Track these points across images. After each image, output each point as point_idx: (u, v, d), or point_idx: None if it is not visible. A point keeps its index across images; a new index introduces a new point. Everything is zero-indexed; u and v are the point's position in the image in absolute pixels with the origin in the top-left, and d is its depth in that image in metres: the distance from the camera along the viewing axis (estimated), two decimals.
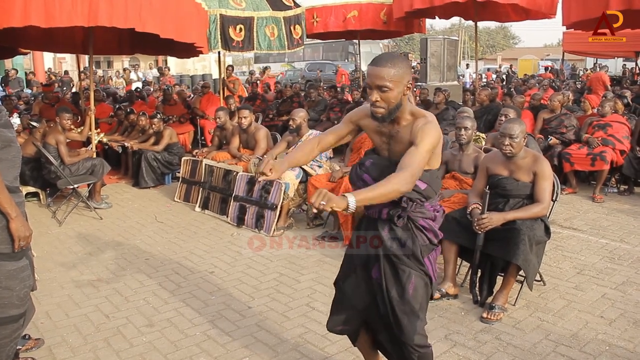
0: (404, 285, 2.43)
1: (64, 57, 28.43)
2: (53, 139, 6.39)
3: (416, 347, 2.44)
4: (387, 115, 2.35)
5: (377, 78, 2.28)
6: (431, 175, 2.43)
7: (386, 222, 2.48)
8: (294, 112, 6.09)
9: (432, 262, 2.53)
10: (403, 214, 2.41)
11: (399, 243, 2.45)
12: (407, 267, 2.44)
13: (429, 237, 2.48)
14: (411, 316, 2.43)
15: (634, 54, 16.94)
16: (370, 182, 2.42)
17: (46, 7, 5.29)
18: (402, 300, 2.43)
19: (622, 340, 3.41)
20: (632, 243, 5.22)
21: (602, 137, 6.94)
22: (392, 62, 2.28)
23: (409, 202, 2.40)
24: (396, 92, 2.30)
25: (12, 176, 2.69)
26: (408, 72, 2.33)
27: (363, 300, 2.59)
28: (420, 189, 2.40)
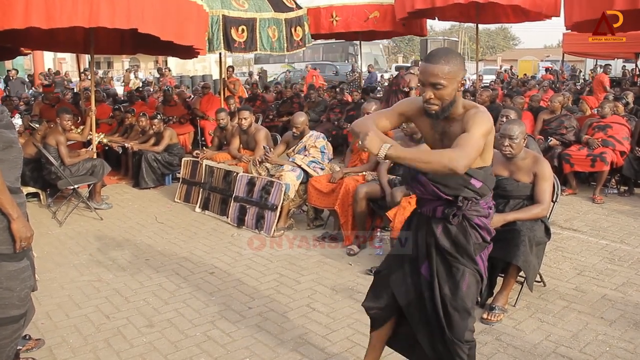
0: (458, 283, 2.43)
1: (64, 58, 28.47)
2: (53, 139, 6.39)
3: (466, 342, 2.44)
4: (440, 112, 2.34)
5: (431, 75, 2.27)
6: (485, 172, 2.43)
7: (440, 221, 2.48)
8: (294, 119, 6.01)
9: (483, 260, 2.53)
10: (458, 212, 2.41)
11: (453, 241, 2.45)
12: (460, 265, 2.45)
13: (482, 234, 2.48)
14: (463, 313, 2.43)
15: (634, 55, 16.94)
16: (425, 182, 2.43)
17: (47, 8, 5.29)
18: (455, 298, 2.43)
19: (622, 342, 3.41)
20: (632, 244, 5.22)
21: (602, 138, 6.95)
22: (446, 58, 2.28)
23: (465, 200, 2.40)
24: (450, 89, 2.29)
25: (13, 177, 2.69)
26: (462, 68, 2.32)
27: (407, 296, 2.59)
28: (476, 187, 2.41)
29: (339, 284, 4.37)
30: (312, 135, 6.00)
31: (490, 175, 2.48)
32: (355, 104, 10.16)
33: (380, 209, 5.01)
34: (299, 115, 6.05)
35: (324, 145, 5.96)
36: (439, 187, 2.42)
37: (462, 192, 2.40)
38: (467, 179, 2.39)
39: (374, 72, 21.14)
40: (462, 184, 2.40)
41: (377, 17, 10.06)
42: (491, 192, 2.52)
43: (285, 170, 5.75)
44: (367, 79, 19.11)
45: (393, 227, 4.51)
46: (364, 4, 10.10)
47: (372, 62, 24.20)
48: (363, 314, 3.77)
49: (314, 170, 5.81)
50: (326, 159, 5.94)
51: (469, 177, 2.38)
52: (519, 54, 44.52)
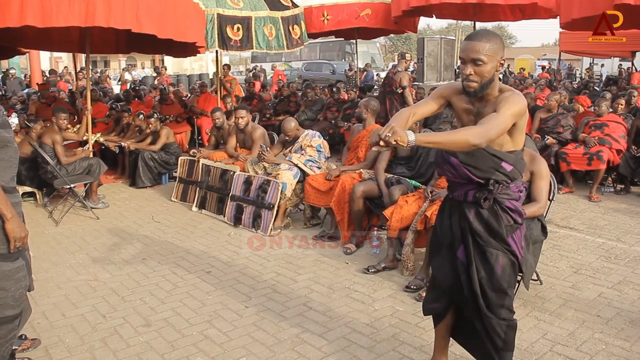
0: (492, 267, 2.51)
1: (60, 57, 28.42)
2: (49, 138, 6.37)
3: (503, 320, 2.54)
4: (479, 89, 2.39)
5: (473, 52, 2.34)
6: (516, 157, 2.48)
7: (472, 205, 2.53)
8: (284, 127, 5.96)
9: (516, 241, 2.57)
10: (490, 196, 2.46)
11: (486, 225, 2.50)
12: (494, 249, 2.51)
13: (514, 217, 2.52)
14: (499, 293, 2.52)
15: (631, 54, 16.96)
16: (457, 164, 2.48)
17: (43, 7, 5.28)
18: (491, 280, 2.51)
19: (619, 340, 3.41)
20: (629, 242, 5.23)
21: (599, 136, 6.96)
22: (488, 37, 2.36)
23: (496, 184, 2.45)
24: (490, 66, 2.36)
25: (8, 176, 2.68)
26: (502, 48, 2.39)
27: (448, 278, 2.67)
28: (507, 171, 2.45)
29: (335, 282, 4.37)
30: (308, 134, 5.99)
31: (521, 159, 2.53)
32: (352, 103, 10.16)
33: (377, 207, 5.01)
34: (289, 122, 6.01)
35: (320, 144, 5.96)
36: (470, 170, 2.46)
37: (493, 175, 2.44)
38: (498, 162, 2.43)
39: (371, 71, 21.14)
40: (493, 167, 2.44)
41: (369, 14, 10.08)
42: (521, 176, 2.57)
43: (282, 169, 5.75)
44: (365, 77, 19.12)
45: (390, 226, 4.51)
46: (355, 2, 10.13)
47: (369, 60, 24.17)
48: (360, 313, 3.79)
49: (311, 169, 5.80)
50: (323, 157, 5.94)
51: (499, 160, 2.43)
52: (516, 52, 44.54)
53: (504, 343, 2.57)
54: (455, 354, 3.15)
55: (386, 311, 3.83)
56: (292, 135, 5.97)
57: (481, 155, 2.42)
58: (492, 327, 2.55)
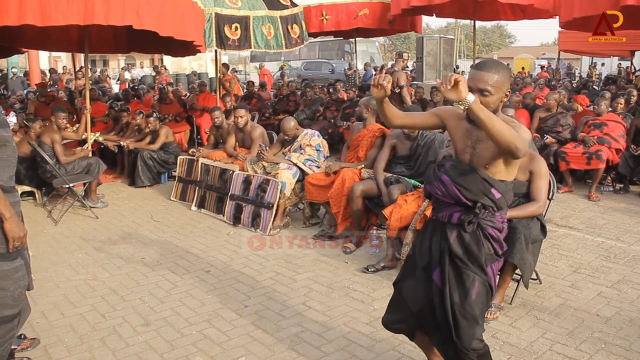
0: (468, 290, 2.47)
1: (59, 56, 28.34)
2: (48, 138, 6.37)
3: (473, 350, 2.47)
4: None
5: (480, 82, 2.35)
6: (506, 187, 2.48)
7: (455, 227, 2.52)
8: (284, 126, 5.96)
9: (494, 272, 2.56)
10: (474, 220, 2.46)
11: (466, 249, 2.49)
12: (471, 272, 2.49)
13: (495, 247, 2.52)
14: (471, 321, 2.47)
15: (630, 53, 16.98)
16: (448, 182, 2.48)
17: (42, 5, 5.27)
18: (464, 305, 2.47)
19: (618, 339, 3.42)
20: (628, 241, 5.24)
21: (598, 135, 6.96)
22: (496, 68, 2.36)
23: (482, 209, 2.45)
24: (496, 97, 2.36)
25: (7, 176, 2.67)
26: (509, 80, 2.40)
27: (419, 301, 2.63)
28: (495, 197, 2.45)
29: (335, 282, 4.37)
30: (307, 133, 5.99)
31: (510, 190, 2.53)
32: (351, 102, 10.16)
33: (376, 207, 5.01)
34: (288, 121, 6.01)
35: (320, 143, 5.96)
36: (460, 190, 2.46)
37: (481, 199, 2.45)
38: (488, 187, 2.44)
39: (370, 70, 21.14)
40: (482, 190, 2.44)
41: (367, 14, 10.07)
42: (506, 209, 2.56)
43: (281, 168, 5.74)
44: (363, 76, 19.14)
45: (389, 225, 4.51)
46: (353, 2, 10.11)
47: (368, 59, 24.16)
48: (359, 312, 3.79)
49: (310, 169, 5.80)
50: (322, 157, 5.93)
51: (490, 185, 2.44)
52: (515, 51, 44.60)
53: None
54: None
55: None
56: (291, 134, 5.97)
57: (473, 177, 2.44)
58: (463, 357, 2.49)
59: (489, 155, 2.42)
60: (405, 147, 5.15)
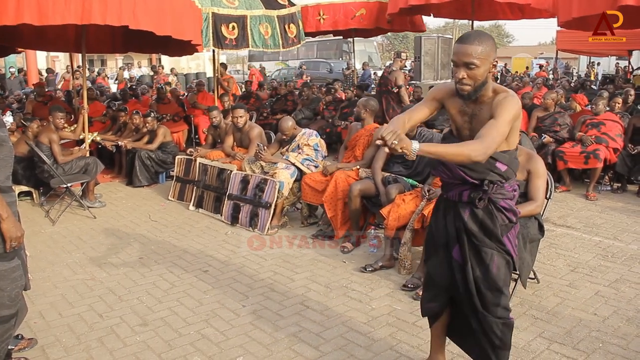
0: (488, 266, 2.52)
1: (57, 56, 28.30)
2: (46, 137, 6.35)
3: (499, 318, 2.54)
4: (472, 92, 2.40)
5: (465, 55, 2.33)
6: (510, 156, 2.48)
7: (467, 205, 2.54)
8: (282, 126, 5.97)
9: (511, 239, 2.58)
10: (484, 196, 2.47)
11: (480, 225, 2.51)
12: (489, 248, 2.52)
13: (509, 216, 2.54)
14: (495, 292, 2.53)
15: (627, 53, 16.99)
16: (451, 165, 2.49)
17: (39, 5, 5.25)
18: (486, 279, 2.52)
19: (616, 338, 3.42)
20: (625, 241, 5.24)
21: (596, 135, 6.97)
22: (479, 39, 2.34)
23: (490, 184, 2.46)
24: (483, 69, 2.36)
25: (4, 176, 2.67)
26: (494, 49, 2.38)
27: (445, 278, 2.68)
28: (501, 171, 2.46)
29: (333, 281, 4.37)
30: (305, 133, 5.99)
31: (515, 159, 2.53)
32: (349, 101, 10.15)
33: (374, 206, 5.00)
34: (286, 121, 6.02)
35: (317, 142, 5.96)
36: (465, 172, 2.47)
37: (487, 176, 2.46)
38: (492, 163, 2.44)
39: (368, 70, 21.15)
40: (487, 167, 2.44)
41: (364, 14, 10.06)
42: (515, 175, 2.57)
43: (279, 168, 5.74)
44: (361, 76, 19.15)
45: (387, 224, 4.51)
46: (350, 2, 10.11)
47: (366, 59, 24.14)
48: (357, 312, 3.79)
49: (308, 168, 5.80)
50: (320, 156, 5.93)
51: (494, 160, 2.44)
52: (513, 51, 44.60)
53: (500, 341, 2.57)
54: (452, 353, 3.15)
55: (383, 310, 3.83)
56: (289, 134, 5.97)
57: None
58: (489, 326, 2.56)
59: None
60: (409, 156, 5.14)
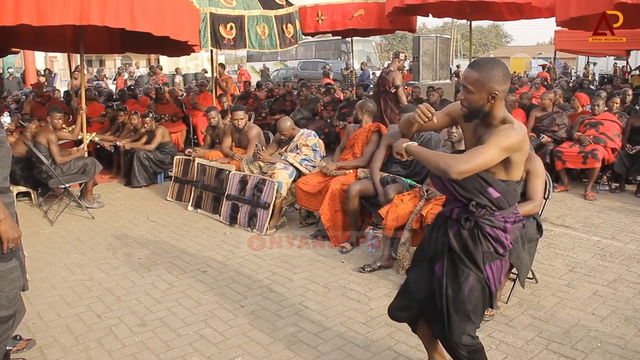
0: (461, 285, 2.50)
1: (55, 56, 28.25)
2: (44, 138, 6.35)
3: (462, 346, 2.51)
4: (467, 115, 2.46)
5: (464, 78, 2.42)
6: (508, 187, 2.47)
7: (455, 223, 2.55)
8: (280, 126, 5.97)
9: (494, 271, 2.55)
10: (471, 217, 2.48)
11: (463, 246, 2.51)
12: (466, 267, 2.50)
13: (495, 246, 2.50)
14: (462, 315, 2.50)
15: (625, 53, 17.01)
16: (444, 179, 2.51)
17: (38, 5, 5.24)
18: (456, 299, 2.50)
19: (614, 337, 3.42)
20: (624, 240, 5.25)
21: (594, 135, 6.97)
22: (480, 67, 2.38)
23: (478, 207, 2.46)
24: (477, 96, 2.38)
25: (1, 177, 2.66)
26: (496, 81, 2.34)
27: (423, 291, 2.67)
28: (492, 197, 2.45)
29: (331, 281, 4.37)
30: (304, 133, 5.99)
31: (514, 191, 2.51)
32: (348, 102, 10.15)
33: (373, 206, 5.01)
34: (284, 121, 6.02)
35: (316, 143, 5.96)
36: (455, 187, 2.49)
37: (476, 197, 2.46)
38: (484, 186, 2.44)
39: (367, 70, 21.17)
40: (478, 189, 2.45)
41: (362, 15, 10.05)
42: (512, 208, 2.53)
43: (277, 168, 5.74)
44: (360, 76, 19.16)
45: (385, 224, 4.51)
46: (348, 3, 10.10)
47: (365, 59, 24.14)
48: (355, 312, 3.79)
49: (306, 168, 5.80)
50: (318, 156, 5.94)
51: (486, 184, 2.44)
52: (511, 51, 44.60)
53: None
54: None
55: (382, 310, 3.83)
56: (287, 134, 5.97)
57: (470, 175, 2.41)
58: (453, 353, 2.56)
59: None
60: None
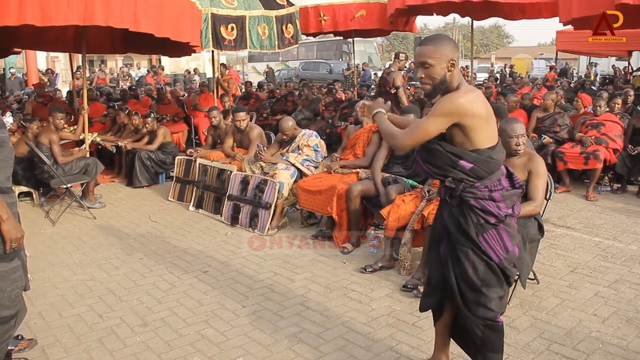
0: (463, 264, 2.54)
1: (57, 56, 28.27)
2: (46, 138, 6.36)
3: (480, 318, 2.54)
4: (432, 91, 2.49)
5: (419, 56, 2.47)
6: (479, 155, 2.46)
7: (447, 203, 2.61)
8: (282, 126, 5.98)
9: (489, 241, 2.52)
10: (454, 193, 2.53)
11: (456, 222, 2.55)
12: (463, 246, 2.53)
13: (484, 217, 2.51)
14: (473, 290, 2.54)
15: (627, 53, 16.97)
16: (420, 162, 2.63)
17: (42, 5, 5.25)
18: (463, 278, 2.55)
19: (615, 338, 3.42)
20: (625, 241, 5.24)
21: (596, 135, 6.97)
22: (433, 40, 2.46)
23: (456, 181, 2.49)
24: (438, 68, 2.43)
25: (4, 177, 2.66)
26: (450, 49, 2.45)
27: (436, 274, 2.73)
28: (465, 169, 2.47)
29: (333, 282, 4.37)
30: (305, 133, 5.99)
31: (488, 158, 2.47)
32: (349, 102, 10.15)
33: (374, 207, 5.00)
34: (286, 121, 6.02)
35: (317, 143, 5.96)
36: (429, 167, 2.56)
37: (450, 173, 2.49)
38: (454, 160, 2.47)
39: (368, 70, 21.19)
40: (449, 164, 2.49)
41: (364, 15, 10.05)
42: (496, 175, 2.50)
43: (279, 168, 5.74)
44: (362, 77, 19.18)
45: (387, 225, 4.51)
46: (350, 3, 10.10)
47: (366, 60, 24.18)
48: (357, 312, 3.79)
49: (308, 169, 5.80)
50: (320, 157, 5.94)
51: (457, 157, 2.47)
52: (513, 52, 44.62)
53: (482, 342, 2.58)
54: (452, 354, 3.15)
55: (383, 310, 3.84)
56: (289, 134, 5.97)
57: (438, 152, 2.49)
58: (470, 325, 2.59)
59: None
60: None
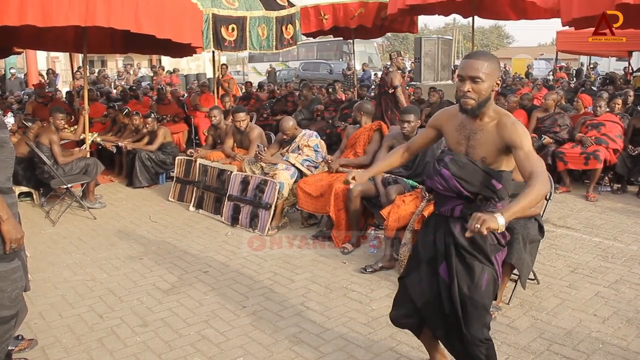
0: (478, 280, 2.49)
1: (57, 57, 28.28)
2: (46, 138, 6.36)
3: (484, 341, 2.50)
4: (476, 107, 2.43)
5: (472, 69, 2.39)
6: (506, 177, 2.49)
7: (458, 220, 2.54)
8: (283, 126, 5.99)
9: (498, 262, 2.56)
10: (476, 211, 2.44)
11: (471, 241, 2.49)
12: (480, 262, 2.50)
13: (498, 237, 2.51)
14: (481, 310, 2.50)
15: (627, 54, 16.96)
16: (448, 176, 2.49)
17: (43, 6, 5.25)
18: (473, 296, 2.48)
19: (615, 338, 3.42)
20: (625, 241, 5.25)
21: (596, 136, 6.97)
22: (486, 56, 2.43)
23: (484, 200, 2.47)
24: (487, 84, 2.40)
25: (4, 177, 2.67)
26: (499, 68, 2.45)
27: (424, 296, 2.65)
28: (496, 189, 2.46)
29: (333, 282, 4.37)
30: (306, 134, 5.99)
31: (510, 180, 2.53)
32: (349, 102, 10.15)
33: (374, 207, 5.01)
34: (287, 121, 6.03)
35: (317, 143, 5.96)
36: (461, 183, 2.47)
37: (482, 191, 2.47)
38: (488, 178, 2.45)
39: (368, 71, 21.19)
40: (483, 182, 2.46)
41: (362, 13, 10.06)
42: (508, 198, 2.55)
43: (279, 169, 5.74)
44: (361, 77, 19.18)
45: (387, 225, 4.51)
46: (348, 2, 10.11)
47: (367, 60, 24.17)
48: (357, 313, 3.79)
49: (308, 169, 5.80)
50: (320, 157, 5.94)
51: (489, 176, 2.45)
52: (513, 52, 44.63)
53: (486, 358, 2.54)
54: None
55: (383, 311, 3.83)
56: (290, 134, 5.97)
57: (473, 169, 2.45)
58: (472, 350, 2.52)
59: (487, 148, 2.44)
60: None
